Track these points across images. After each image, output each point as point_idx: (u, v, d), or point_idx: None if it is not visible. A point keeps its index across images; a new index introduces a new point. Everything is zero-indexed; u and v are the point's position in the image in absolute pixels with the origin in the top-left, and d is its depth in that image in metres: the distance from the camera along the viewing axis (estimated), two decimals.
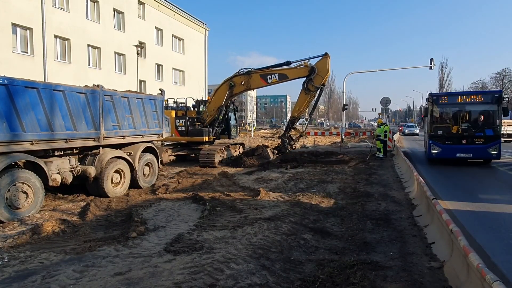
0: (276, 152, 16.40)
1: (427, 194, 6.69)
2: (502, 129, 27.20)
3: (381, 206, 7.85)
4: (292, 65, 14.72)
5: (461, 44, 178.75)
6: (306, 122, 25.58)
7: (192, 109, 16.85)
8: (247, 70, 15.20)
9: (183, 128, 15.36)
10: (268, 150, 16.64)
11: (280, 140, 16.43)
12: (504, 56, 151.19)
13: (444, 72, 73.34)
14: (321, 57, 14.40)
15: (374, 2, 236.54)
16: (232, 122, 17.28)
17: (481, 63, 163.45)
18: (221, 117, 16.03)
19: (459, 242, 4.03)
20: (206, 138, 15.41)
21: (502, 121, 28.29)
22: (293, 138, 16.44)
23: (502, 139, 27.40)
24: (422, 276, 4.34)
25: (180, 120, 15.38)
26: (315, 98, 15.06)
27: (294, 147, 16.90)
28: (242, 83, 15.24)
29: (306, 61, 14.52)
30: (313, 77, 14.23)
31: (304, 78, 14.60)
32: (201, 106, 16.59)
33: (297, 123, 17.16)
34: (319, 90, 14.65)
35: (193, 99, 17.80)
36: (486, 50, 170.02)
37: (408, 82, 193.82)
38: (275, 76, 14.77)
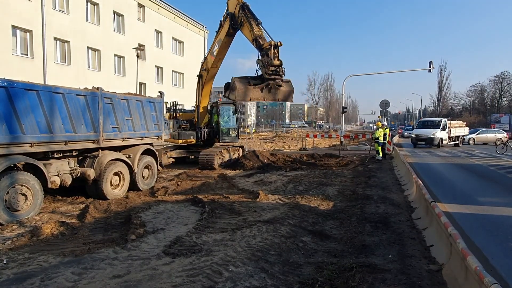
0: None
1: (425, 196, 6.70)
2: (451, 132, 27.45)
3: (380, 208, 7.86)
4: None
5: (461, 47, 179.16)
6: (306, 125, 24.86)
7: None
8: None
9: (171, 131, 15.59)
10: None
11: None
12: (503, 59, 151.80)
13: (443, 75, 73.66)
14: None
15: (374, 6, 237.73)
16: (228, 125, 16.74)
17: (480, 66, 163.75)
18: (211, 117, 15.86)
19: (458, 244, 4.03)
20: (180, 141, 15.40)
21: (449, 122, 28.54)
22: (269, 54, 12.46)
23: (448, 142, 27.45)
24: (421, 279, 4.35)
25: (170, 123, 15.58)
26: (254, 20, 13.00)
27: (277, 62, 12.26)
28: (204, 69, 15.54)
29: (224, 14, 14.06)
30: (234, 15, 13.34)
31: (235, 29, 13.82)
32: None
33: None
34: (245, 10, 13.05)
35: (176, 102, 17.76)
36: (485, 53, 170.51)
37: (407, 85, 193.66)
38: (216, 46, 14.75)
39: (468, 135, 31.69)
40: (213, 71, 15.61)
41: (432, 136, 25.85)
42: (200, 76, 15.86)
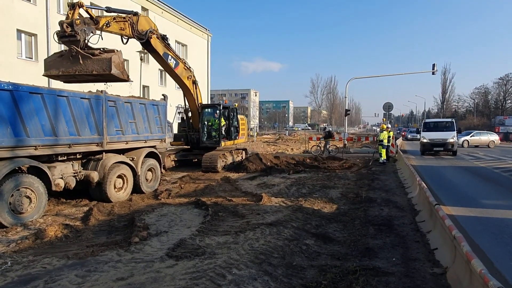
0: None
1: (429, 199, 6.67)
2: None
3: (384, 211, 7.83)
4: None
5: (464, 50, 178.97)
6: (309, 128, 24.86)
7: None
8: None
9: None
10: None
11: None
12: (507, 61, 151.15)
13: (447, 77, 73.62)
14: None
15: (377, 8, 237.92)
16: (211, 128, 16.19)
17: (483, 69, 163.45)
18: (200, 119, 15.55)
19: (462, 247, 4.01)
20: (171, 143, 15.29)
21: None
22: None
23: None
24: (425, 282, 4.32)
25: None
26: None
27: None
28: None
29: None
30: None
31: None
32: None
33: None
34: None
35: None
36: (489, 55, 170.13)
37: (410, 87, 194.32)
38: None
39: (461, 137, 31.57)
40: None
41: (452, 140, 21.26)
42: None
